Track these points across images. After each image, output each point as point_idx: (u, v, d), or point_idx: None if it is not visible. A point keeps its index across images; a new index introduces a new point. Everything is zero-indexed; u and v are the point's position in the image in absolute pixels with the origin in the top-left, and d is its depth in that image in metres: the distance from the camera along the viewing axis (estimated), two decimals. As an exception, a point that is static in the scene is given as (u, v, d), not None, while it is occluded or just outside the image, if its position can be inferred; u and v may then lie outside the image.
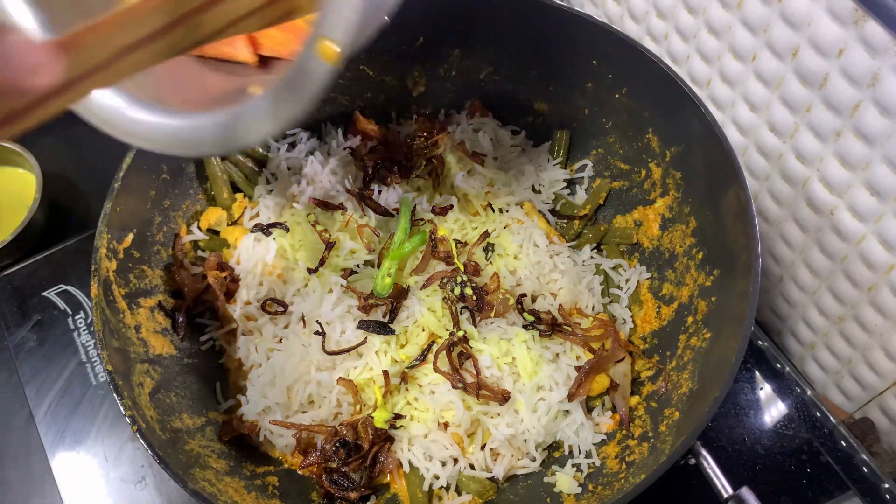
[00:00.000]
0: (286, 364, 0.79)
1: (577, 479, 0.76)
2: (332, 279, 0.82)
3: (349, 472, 0.76)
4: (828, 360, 0.90)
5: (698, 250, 0.81)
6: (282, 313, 0.83)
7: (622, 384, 0.81)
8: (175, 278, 0.85)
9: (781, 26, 0.75)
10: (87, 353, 0.92)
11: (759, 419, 0.86)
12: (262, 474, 0.76)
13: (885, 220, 0.73)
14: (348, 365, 0.79)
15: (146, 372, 0.73)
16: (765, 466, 0.82)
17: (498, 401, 0.76)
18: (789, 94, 0.78)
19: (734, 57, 0.83)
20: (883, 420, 0.86)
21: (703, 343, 0.75)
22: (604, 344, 0.83)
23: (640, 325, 0.88)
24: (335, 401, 0.78)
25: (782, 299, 0.94)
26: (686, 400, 0.72)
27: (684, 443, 0.63)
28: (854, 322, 0.83)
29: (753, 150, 0.87)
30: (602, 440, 0.80)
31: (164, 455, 0.65)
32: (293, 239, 0.86)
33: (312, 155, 0.94)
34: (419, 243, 0.83)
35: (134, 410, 0.66)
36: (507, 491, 0.79)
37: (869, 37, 0.66)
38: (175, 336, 0.81)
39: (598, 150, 0.97)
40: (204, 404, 0.79)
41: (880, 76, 0.67)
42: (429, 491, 0.77)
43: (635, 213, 0.91)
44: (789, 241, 0.88)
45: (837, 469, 0.82)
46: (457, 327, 0.80)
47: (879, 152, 0.71)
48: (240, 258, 0.87)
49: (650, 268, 0.89)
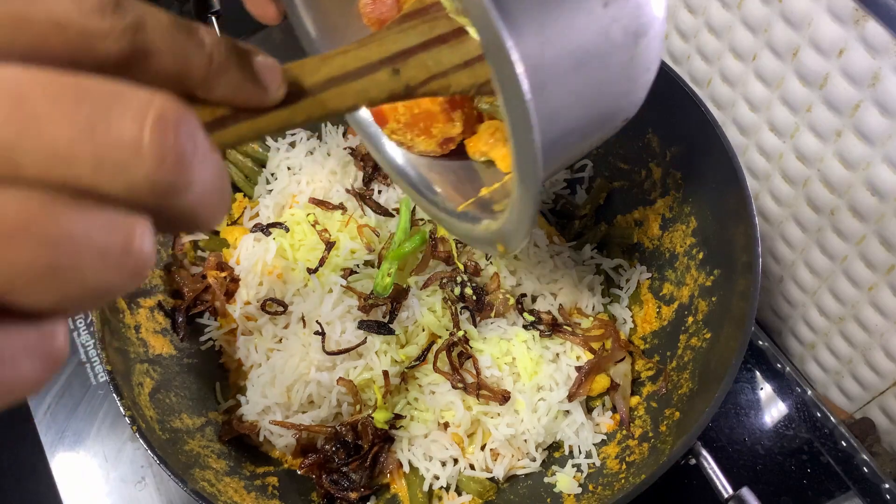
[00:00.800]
0: (286, 364, 0.78)
1: (578, 480, 0.76)
2: (332, 279, 0.82)
3: (349, 473, 0.76)
4: (828, 360, 0.90)
5: (699, 250, 0.81)
6: (282, 313, 0.83)
7: (622, 384, 0.81)
8: (175, 278, 0.84)
9: (782, 26, 0.75)
10: (86, 353, 0.92)
11: (759, 419, 0.86)
12: (262, 474, 0.76)
13: (886, 220, 0.73)
14: (348, 365, 0.78)
15: (146, 372, 0.73)
16: (765, 466, 0.82)
17: (498, 401, 0.76)
18: (790, 93, 0.78)
19: (734, 57, 0.83)
20: (883, 420, 0.86)
21: (703, 343, 0.75)
22: (604, 344, 0.83)
23: (640, 325, 0.88)
24: (335, 401, 0.78)
25: (782, 299, 0.93)
26: (686, 400, 0.72)
27: (684, 443, 0.63)
28: (854, 322, 0.83)
29: (754, 149, 0.87)
30: (602, 440, 0.80)
31: (164, 455, 0.65)
32: (293, 239, 0.86)
33: (312, 155, 0.94)
34: (419, 243, 0.83)
35: (133, 410, 0.66)
36: (507, 491, 0.79)
37: (869, 37, 0.66)
38: (175, 336, 0.81)
39: (598, 150, 0.97)
40: (204, 404, 0.79)
41: (881, 76, 0.67)
42: (429, 491, 0.77)
43: (635, 213, 0.91)
44: (790, 241, 0.88)
45: (838, 469, 0.82)
46: (457, 327, 0.80)
47: (880, 152, 0.71)
48: (239, 258, 0.87)
49: (650, 268, 0.89)
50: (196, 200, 0.24)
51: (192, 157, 0.23)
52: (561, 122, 0.35)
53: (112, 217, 0.22)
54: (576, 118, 0.36)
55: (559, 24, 0.32)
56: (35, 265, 0.20)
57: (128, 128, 0.21)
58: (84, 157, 0.21)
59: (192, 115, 0.23)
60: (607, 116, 0.40)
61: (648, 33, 0.36)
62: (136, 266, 0.23)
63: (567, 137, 0.36)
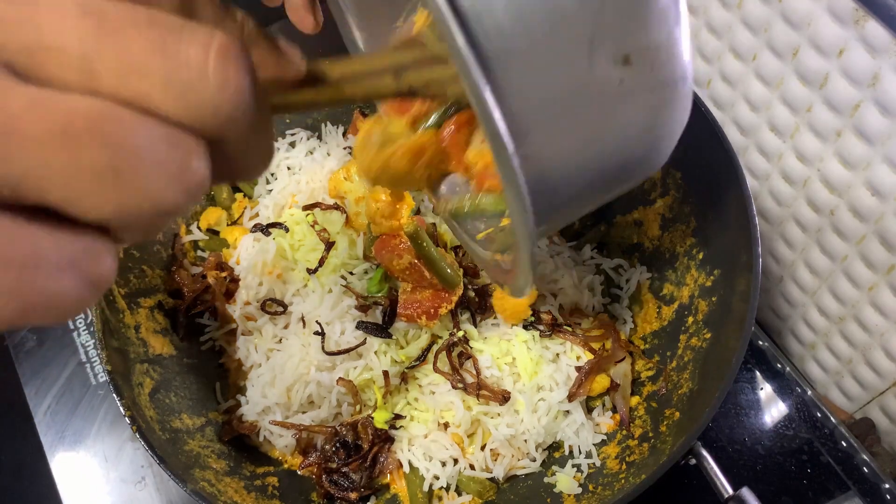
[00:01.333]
0: (286, 364, 0.78)
1: (578, 480, 0.76)
2: (332, 279, 0.82)
3: (349, 473, 0.76)
4: (828, 360, 0.90)
5: (699, 250, 0.81)
6: (281, 313, 0.83)
7: (622, 384, 0.81)
8: (175, 278, 0.84)
9: (782, 26, 0.75)
10: (86, 353, 0.92)
11: (759, 419, 0.86)
12: (262, 474, 0.76)
13: (886, 220, 0.73)
14: (348, 365, 0.78)
15: (146, 372, 0.73)
16: (765, 467, 0.82)
17: (498, 401, 0.76)
18: (790, 93, 0.78)
19: (734, 57, 0.83)
20: (883, 420, 0.86)
21: (703, 343, 0.75)
22: (604, 344, 0.83)
23: (640, 326, 0.88)
24: (335, 401, 0.78)
25: (782, 299, 0.93)
26: (686, 400, 0.72)
27: (684, 443, 0.63)
28: (854, 322, 0.83)
29: (754, 149, 0.87)
30: (602, 440, 0.80)
31: (164, 455, 0.65)
32: (293, 239, 0.86)
33: (312, 155, 0.94)
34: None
35: (133, 410, 0.66)
36: (508, 491, 0.79)
37: (869, 37, 0.66)
38: (175, 336, 0.81)
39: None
40: (204, 404, 0.79)
41: (881, 76, 0.67)
42: (429, 491, 0.77)
43: (635, 213, 0.91)
44: (790, 240, 0.88)
45: (838, 469, 0.82)
46: (457, 328, 0.80)
47: (880, 152, 0.71)
48: (239, 258, 0.87)
49: (651, 268, 0.89)
50: (247, 138, 0.25)
51: (248, 90, 0.24)
52: (560, 201, 0.34)
53: (174, 134, 0.23)
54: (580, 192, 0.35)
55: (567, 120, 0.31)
56: (97, 165, 0.21)
57: (195, 52, 0.23)
58: (155, 72, 0.22)
59: (248, 54, 0.24)
60: (619, 182, 0.38)
61: (670, 104, 0.34)
62: (192, 184, 0.24)
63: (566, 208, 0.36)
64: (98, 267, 0.24)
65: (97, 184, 0.21)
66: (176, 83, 0.22)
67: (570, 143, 0.32)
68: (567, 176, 0.33)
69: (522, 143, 0.29)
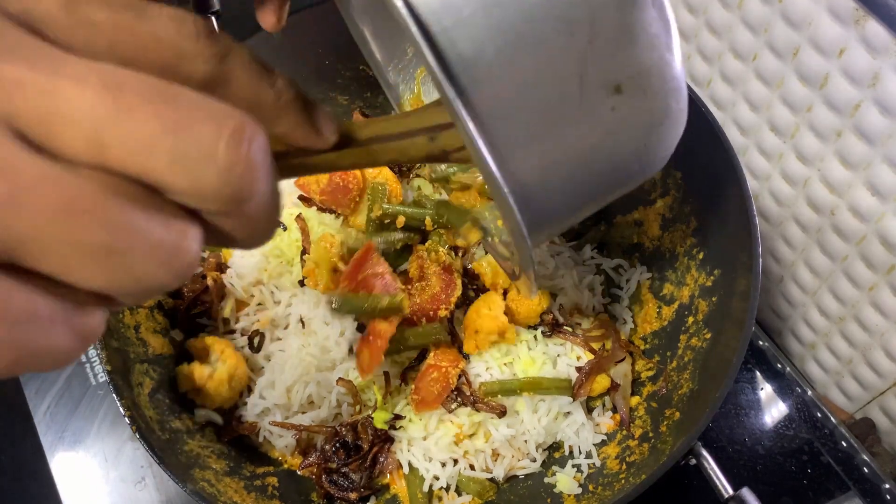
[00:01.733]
0: (286, 365, 0.78)
1: (578, 480, 0.76)
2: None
3: (349, 473, 0.76)
4: (828, 360, 0.90)
5: (699, 250, 0.81)
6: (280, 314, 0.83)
7: (623, 384, 0.81)
8: (174, 278, 0.84)
9: (782, 26, 0.75)
10: (86, 352, 0.92)
11: (759, 419, 0.86)
12: (262, 475, 0.76)
13: (886, 220, 0.73)
14: (348, 365, 0.78)
15: (145, 372, 0.73)
16: (765, 467, 0.82)
17: (496, 414, 0.76)
18: (790, 93, 0.78)
19: (735, 57, 0.83)
20: (884, 420, 0.86)
21: (703, 343, 0.75)
22: (604, 344, 0.83)
23: (640, 326, 0.88)
24: (335, 401, 0.78)
25: (783, 299, 0.93)
26: (686, 400, 0.72)
27: (685, 443, 0.63)
28: (855, 322, 0.83)
29: (754, 149, 0.87)
30: (602, 440, 0.80)
31: (164, 455, 0.64)
32: (291, 238, 0.86)
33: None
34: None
35: (133, 410, 0.66)
36: (508, 491, 0.78)
37: (869, 37, 0.66)
38: (174, 336, 0.81)
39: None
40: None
41: (881, 76, 0.67)
42: (429, 491, 0.77)
43: (635, 213, 0.91)
44: (790, 241, 0.88)
45: (838, 469, 0.82)
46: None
47: (880, 152, 0.71)
48: (237, 257, 0.87)
49: (651, 268, 0.89)
50: (250, 214, 0.26)
51: (258, 171, 0.24)
52: (556, 216, 0.36)
53: (171, 217, 0.24)
54: (575, 206, 0.37)
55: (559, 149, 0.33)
56: (93, 244, 0.22)
57: (207, 132, 0.23)
58: (164, 150, 0.23)
59: (265, 135, 0.25)
60: (615, 192, 0.39)
61: (664, 122, 0.35)
62: (182, 266, 0.24)
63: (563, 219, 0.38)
64: (88, 322, 0.25)
65: (89, 260, 0.22)
66: (182, 162, 0.23)
67: (564, 171, 0.34)
68: (563, 195, 0.35)
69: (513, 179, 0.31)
